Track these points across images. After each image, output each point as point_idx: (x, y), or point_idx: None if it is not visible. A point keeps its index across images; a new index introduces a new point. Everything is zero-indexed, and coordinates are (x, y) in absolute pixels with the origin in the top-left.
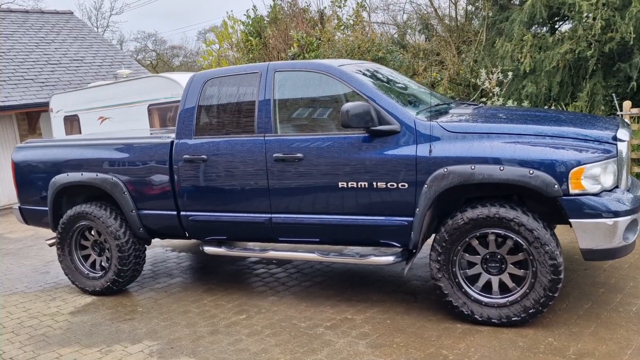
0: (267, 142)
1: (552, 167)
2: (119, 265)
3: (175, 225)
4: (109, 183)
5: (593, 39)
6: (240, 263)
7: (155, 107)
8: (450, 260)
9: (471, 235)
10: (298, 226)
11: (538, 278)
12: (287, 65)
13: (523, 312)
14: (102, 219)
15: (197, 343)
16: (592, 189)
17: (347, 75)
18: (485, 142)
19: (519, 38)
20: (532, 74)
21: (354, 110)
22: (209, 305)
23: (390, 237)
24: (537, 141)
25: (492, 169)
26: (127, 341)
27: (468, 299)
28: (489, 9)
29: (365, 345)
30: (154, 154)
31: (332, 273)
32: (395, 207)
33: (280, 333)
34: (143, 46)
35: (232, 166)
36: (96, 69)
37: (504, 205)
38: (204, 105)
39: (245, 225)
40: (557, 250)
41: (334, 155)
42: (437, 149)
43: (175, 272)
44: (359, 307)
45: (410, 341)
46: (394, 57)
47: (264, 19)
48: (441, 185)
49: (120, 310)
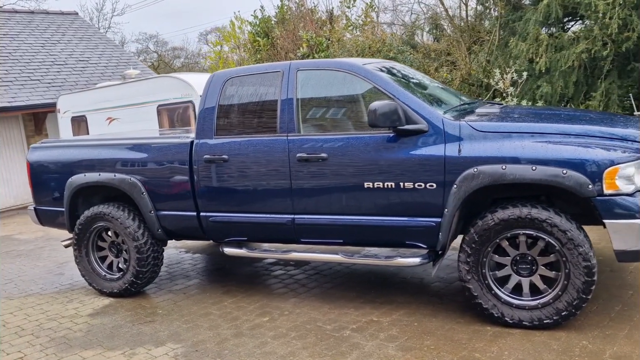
0: (290, 142)
1: (585, 167)
2: (138, 266)
3: (195, 226)
4: (127, 183)
5: (609, 38)
6: (256, 264)
7: (164, 108)
8: (479, 261)
9: (501, 236)
10: (322, 227)
11: (571, 280)
12: (310, 63)
13: (555, 314)
14: (120, 220)
15: (222, 346)
16: (626, 189)
17: (372, 74)
18: (516, 142)
19: (534, 38)
20: (546, 73)
21: (381, 110)
22: (230, 307)
23: (417, 238)
24: (569, 140)
25: (524, 168)
26: (150, 344)
27: (498, 301)
28: (502, 9)
29: (394, 348)
30: (174, 154)
31: (353, 274)
32: (423, 207)
33: (306, 336)
34: (144, 47)
35: (254, 166)
36: (102, 69)
37: (536, 206)
38: (224, 105)
39: (267, 226)
40: (590, 251)
41: (359, 155)
42: (467, 148)
43: (191, 274)
44: (383, 309)
45: (440, 344)
46: (405, 57)
47: (272, 19)
48: (471, 186)
49: (139, 312)
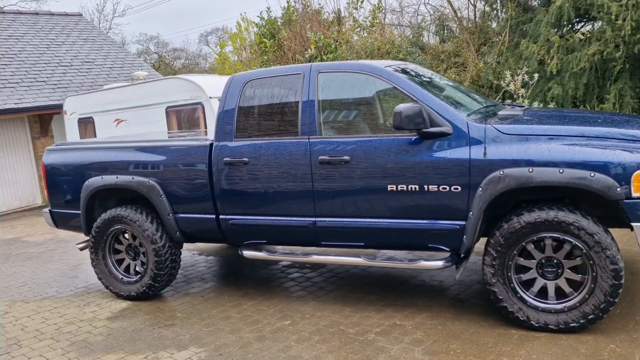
0: (311, 144)
1: (613, 170)
2: (156, 269)
3: (214, 228)
4: (146, 186)
5: (621, 40)
6: (272, 267)
7: (173, 109)
8: (505, 264)
9: (527, 239)
10: (343, 230)
11: (598, 283)
12: (331, 66)
13: (582, 318)
14: (139, 223)
15: (246, 350)
16: None
17: (395, 77)
18: (542, 145)
19: (545, 39)
20: (557, 75)
21: (406, 112)
22: (249, 311)
23: (440, 241)
24: (597, 143)
25: (552, 171)
26: (173, 347)
27: (524, 304)
28: (512, 10)
29: (421, 352)
30: (193, 157)
31: (370, 277)
32: (447, 210)
33: (330, 339)
34: (145, 48)
35: (275, 169)
36: (107, 71)
37: (563, 209)
38: (244, 107)
39: (287, 229)
40: (618, 254)
41: (382, 158)
42: (492, 151)
43: (207, 277)
44: (405, 312)
45: (466, 347)
46: (414, 59)
47: (278, 20)
48: (497, 189)
49: (159, 315)
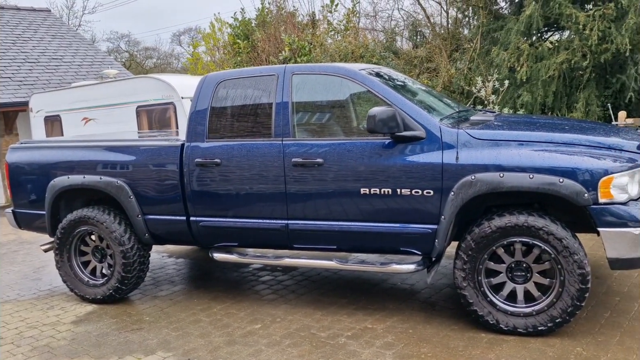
0: (285, 146)
1: (581, 176)
2: (123, 272)
3: (184, 230)
4: (114, 187)
5: (588, 49)
6: (243, 270)
7: (144, 109)
8: (476, 268)
9: (497, 244)
10: (316, 233)
11: (566, 287)
12: (306, 68)
13: (550, 321)
14: (106, 224)
15: (215, 354)
16: (620, 198)
17: (370, 80)
18: (513, 150)
19: (515, 47)
20: (527, 83)
21: (380, 115)
22: (219, 314)
23: (412, 244)
24: (566, 149)
25: (522, 176)
26: (140, 352)
27: (493, 308)
28: (484, 18)
29: (392, 355)
30: (164, 157)
31: (342, 281)
32: (420, 214)
33: (301, 343)
34: (116, 47)
35: (248, 170)
36: (76, 68)
37: (532, 214)
38: (216, 108)
39: (259, 232)
40: (585, 259)
41: (356, 161)
42: (464, 156)
43: (176, 279)
44: (377, 315)
45: (437, 351)
46: (387, 63)
47: (252, 22)
48: (469, 193)
49: (125, 319)
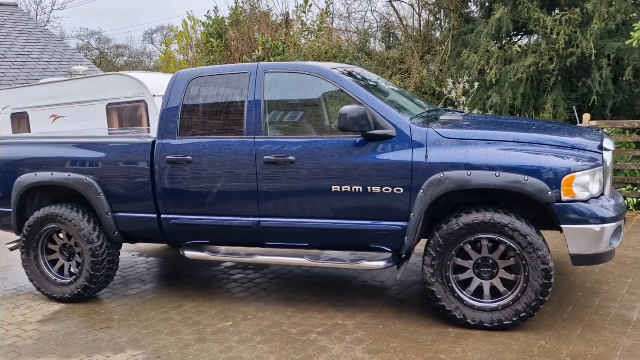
0: (256, 144)
1: (545, 174)
2: (92, 270)
3: (155, 228)
4: (83, 184)
5: (555, 53)
6: (214, 268)
7: (114, 107)
8: (443, 264)
9: (465, 240)
10: (288, 230)
11: (530, 282)
12: (278, 66)
13: (514, 315)
14: (74, 222)
15: (186, 351)
16: (581, 196)
17: (341, 79)
18: (480, 149)
19: (485, 50)
20: (496, 84)
21: (351, 114)
22: (190, 312)
23: (382, 241)
24: (530, 148)
25: (489, 174)
26: (108, 350)
27: (461, 303)
28: (455, 20)
29: (361, 350)
30: (134, 154)
31: (313, 278)
32: (390, 211)
33: (272, 340)
34: (86, 44)
35: (219, 168)
36: (44, 64)
37: (498, 211)
38: (188, 105)
39: (230, 229)
40: (548, 255)
41: (327, 159)
42: (433, 154)
43: (147, 278)
44: (347, 312)
45: (406, 346)
46: (360, 64)
47: (225, 20)
48: (437, 191)
49: (94, 318)
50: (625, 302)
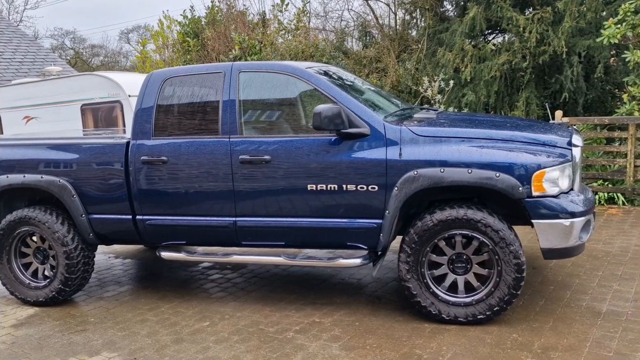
0: (232, 144)
1: (516, 170)
2: (67, 273)
3: (130, 230)
4: (56, 186)
5: (528, 51)
6: (192, 269)
7: (89, 107)
8: (419, 261)
9: (439, 237)
10: (264, 229)
11: (503, 277)
12: (253, 65)
13: (488, 310)
14: (48, 224)
15: (162, 352)
16: (551, 192)
17: (315, 78)
18: (453, 146)
19: (460, 48)
20: (471, 83)
21: (326, 113)
22: (167, 313)
23: (359, 239)
24: (502, 145)
25: (461, 171)
26: (84, 353)
27: (436, 298)
28: (430, 19)
29: (338, 348)
30: (108, 156)
31: (291, 277)
32: (365, 209)
33: (249, 339)
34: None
35: (195, 168)
36: (17, 65)
37: (471, 207)
38: (163, 105)
39: (207, 229)
40: (520, 249)
41: (302, 158)
42: (407, 152)
43: (123, 280)
44: (324, 310)
45: (382, 342)
46: (337, 63)
47: (202, 20)
48: (411, 188)
49: (69, 321)
50: (596, 295)
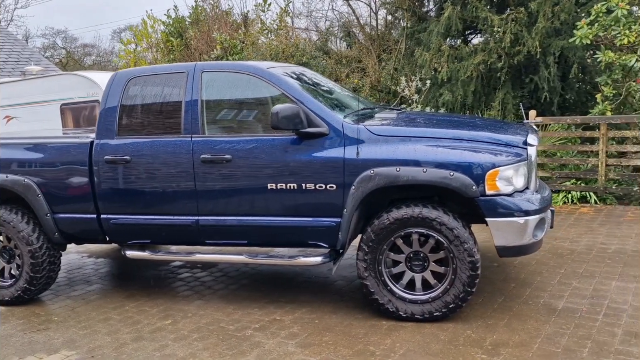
0: (194, 143)
1: (470, 170)
2: (32, 272)
3: (95, 229)
4: (21, 185)
5: (503, 51)
6: (163, 268)
7: (68, 107)
8: (376, 259)
9: (396, 235)
10: (226, 228)
11: (458, 274)
12: (215, 65)
13: (444, 307)
14: (13, 224)
15: (120, 350)
16: (505, 190)
17: (276, 78)
18: (409, 145)
19: (437, 48)
20: (448, 82)
21: (283, 112)
22: (131, 312)
23: (318, 237)
24: (457, 145)
25: (416, 170)
26: (43, 352)
27: (393, 296)
28: (408, 20)
29: (294, 345)
30: (72, 155)
31: (259, 275)
32: (324, 208)
33: (208, 337)
34: (52, 43)
35: (157, 167)
36: (0, 65)
37: (427, 206)
38: (127, 105)
39: (170, 228)
40: (474, 247)
41: (263, 157)
42: (364, 151)
43: (93, 279)
44: (287, 308)
45: (338, 339)
46: (318, 62)
47: (186, 19)
48: (368, 187)
49: (33, 320)
50: (555, 292)
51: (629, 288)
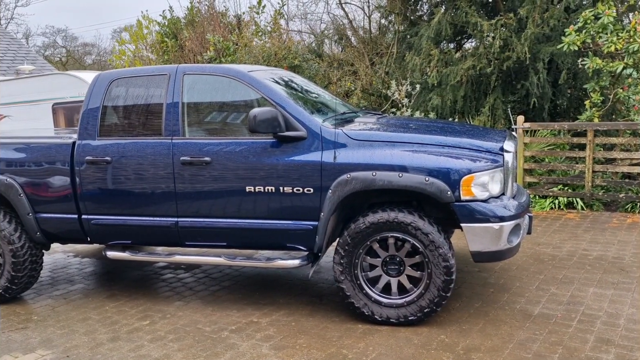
0: (174, 145)
1: (445, 175)
2: (13, 271)
3: (76, 229)
4: (3, 184)
5: (493, 57)
6: (146, 268)
7: (60, 107)
8: (352, 263)
9: (372, 239)
10: (205, 230)
11: (433, 279)
12: (197, 68)
13: (419, 311)
14: None
15: (96, 351)
16: (481, 196)
17: (256, 81)
18: (386, 150)
19: (427, 53)
20: (438, 87)
21: (261, 116)
22: (110, 312)
23: (296, 240)
24: (433, 150)
25: (392, 175)
26: (19, 351)
27: (369, 300)
28: (400, 24)
29: (268, 347)
30: (54, 155)
31: (241, 277)
32: (301, 211)
33: (184, 338)
34: (52, 42)
35: (138, 168)
36: None
37: (402, 210)
38: (109, 106)
39: (150, 229)
40: (449, 252)
41: (241, 160)
42: (341, 155)
43: (76, 279)
44: (265, 310)
45: (312, 342)
46: (310, 65)
47: (181, 20)
48: (345, 191)
49: (12, 319)
50: (532, 298)
51: (606, 295)
